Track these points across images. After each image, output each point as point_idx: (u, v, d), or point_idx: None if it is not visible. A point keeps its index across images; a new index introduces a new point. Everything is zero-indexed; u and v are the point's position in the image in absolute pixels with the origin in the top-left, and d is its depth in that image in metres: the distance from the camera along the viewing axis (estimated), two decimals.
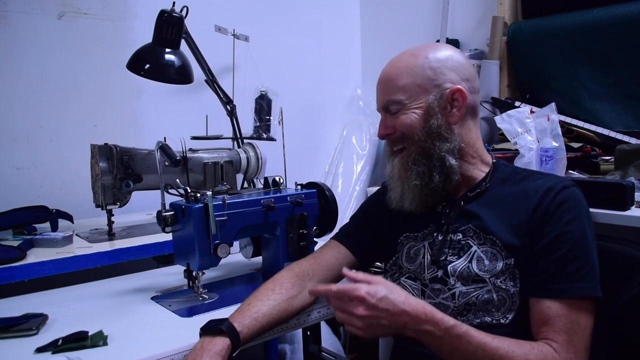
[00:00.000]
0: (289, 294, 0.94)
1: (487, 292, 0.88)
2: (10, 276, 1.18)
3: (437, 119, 0.93)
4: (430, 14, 2.30)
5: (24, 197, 1.68)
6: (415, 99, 0.94)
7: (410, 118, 0.95)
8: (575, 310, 0.82)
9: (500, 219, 0.92)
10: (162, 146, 1.20)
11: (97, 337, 0.88)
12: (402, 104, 0.95)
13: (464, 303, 0.90)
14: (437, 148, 0.94)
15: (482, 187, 0.97)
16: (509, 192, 0.94)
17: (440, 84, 0.94)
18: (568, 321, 0.82)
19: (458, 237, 0.95)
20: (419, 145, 0.95)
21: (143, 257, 1.38)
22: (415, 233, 1.01)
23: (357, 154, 2.46)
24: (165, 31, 1.51)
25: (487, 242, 0.91)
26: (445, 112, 0.94)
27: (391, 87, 0.96)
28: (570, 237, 0.85)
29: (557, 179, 0.93)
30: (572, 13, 1.69)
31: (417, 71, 0.94)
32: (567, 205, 0.87)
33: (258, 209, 1.09)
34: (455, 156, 0.95)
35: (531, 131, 1.37)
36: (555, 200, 0.88)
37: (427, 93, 0.94)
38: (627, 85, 1.61)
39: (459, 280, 0.91)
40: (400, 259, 1.02)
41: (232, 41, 1.99)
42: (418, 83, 0.94)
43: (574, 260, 0.84)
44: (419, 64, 0.95)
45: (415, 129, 0.94)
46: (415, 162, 0.95)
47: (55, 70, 1.77)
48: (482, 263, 0.90)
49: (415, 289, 0.97)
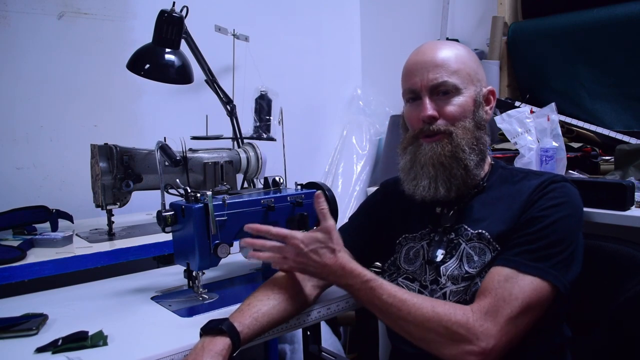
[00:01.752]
0: (288, 294, 0.94)
1: (475, 285, 0.88)
2: (10, 276, 1.18)
3: (480, 112, 0.96)
4: (430, 14, 2.30)
5: (24, 197, 1.68)
6: (467, 87, 0.95)
7: (463, 104, 0.94)
8: (515, 281, 0.80)
9: (493, 215, 0.93)
10: (162, 146, 1.20)
11: (97, 337, 0.88)
12: (456, 88, 0.94)
13: (455, 301, 0.90)
14: (483, 139, 0.96)
15: (479, 187, 0.98)
16: (506, 192, 0.95)
17: (481, 80, 0.97)
18: (500, 288, 0.80)
19: (451, 237, 0.96)
20: (472, 134, 0.95)
21: (143, 257, 1.38)
22: (413, 234, 1.02)
23: (357, 154, 2.46)
24: (165, 31, 1.51)
25: (474, 238, 0.92)
26: (483, 106, 0.97)
27: (445, 68, 0.94)
28: (544, 221, 0.85)
29: (551, 174, 0.94)
30: (572, 13, 1.69)
31: (467, 61, 0.96)
32: (553, 194, 0.88)
33: (258, 209, 1.09)
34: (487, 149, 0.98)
35: (531, 131, 1.37)
36: (543, 189, 0.89)
37: (474, 84, 0.96)
38: (627, 85, 1.61)
39: (450, 279, 0.92)
40: (399, 260, 1.02)
41: (232, 41, 1.99)
42: (468, 72, 0.95)
43: (538, 241, 0.83)
44: (467, 55, 0.97)
45: (467, 117, 0.95)
46: (471, 150, 0.94)
47: (55, 70, 1.77)
48: (472, 259, 0.91)
49: (413, 290, 0.97)
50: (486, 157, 0.99)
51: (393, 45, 2.53)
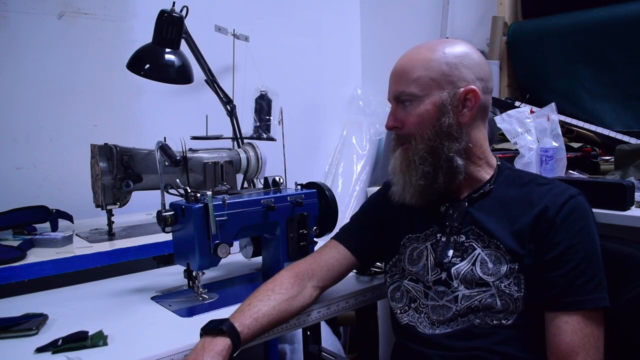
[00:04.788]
0: (288, 294, 0.94)
1: (491, 297, 0.87)
2: (10, 276, 1.18)
3: (448, 117, 0.91)
4: (430, 14, 2.30)
5: (24, 197, 1.68)
6: (429, 94, 0.91)
7: (421, 113, 0.92)
8: (589, 322, 0.82)
9: (502, 223, 0.91)
10: (162, 146, 1.20)
11: (97, 337, 0.88)
12: (414, 96, 0.92)
13: (466, 307, 0.89)
14: (446, 148, 0.92)
15: (486, 188, 0.95)
16: (513, 195, 0.93)
17: (455, 82, 0.91)
18: (584, 335, 0.82)
19: (461, 239, 0.93)
20: (427, 144, 0.92)
21: (143, 257, 1.38)
22: (417, 234, 1.00)
23: (357, 154, 2.46)
24: (165, 31, 1.51)
25: (491, 246, 0.90)
26: (456, 110, 0.91)
27: (405, 78, 0.93)
28: (580, 249, 0.84)
29: (563, 186, 0.90)
30: (572, 13, 1.69)
31: (433, 65, 0.91)
32: (575, 215, 0.86)
33: (258, 209, 1.09)
34: (462, 156, 0.93)
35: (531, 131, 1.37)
36: (562, 210, 0.86)
37: (441, 89, 0.91)
38: (627, 85, 1.61)
39: (463, 283, 0.90)
40: (403, 261, 1.00)
41: (232, 41, 1.99)
42: (433, 77, 0.91)
43: (584, 272, 0.83)
44: (435, 57, 0.92)
45: (426, 126, 0.92)
46: (422, 160, 0.93)
47: (55, 70, 1.77)
48: (486, 266, 0.89)
49: (418, 291, 0.96)
50: (455, 165, 0.93)
51: (393, 45, 2.53)
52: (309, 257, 1.07)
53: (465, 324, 0.89)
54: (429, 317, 0.93)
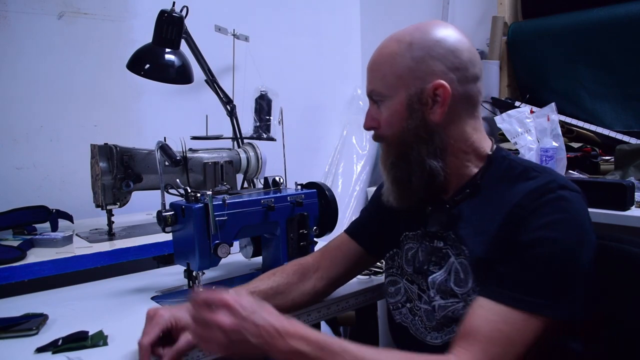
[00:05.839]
0: (289, 280, 0.96)
1: (463, 308, 0.80)
2: (10, 276, 1.18)
3: (415, 118, 0.82)
4: (430, 14, 2.30)
5: (24, 197, 1.68)
6: (395, 93, 0.83)
7: (391, 114, 0.85)
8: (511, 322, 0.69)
9: (479, 228, 0.81)
10: (162, 146, 1.20)
11: (97, 337, 0.88)
12: (383, 96, 0.85)
13: (442, 316, 0.84)
14: (416, 152, 0.84)
15: (471, 188, 0.85)
16: (500, 192, 0.82)
17: (422, 77, 0.81)
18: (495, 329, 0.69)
19: (440, 245, 0.87)
20: (397, 148, 0.86)
21: (143, 257, 1.38)
22: (412, 232, 0.96)
23: (357, 154, 2.46)
24: (165, 31, 1.51)
25: (462, 254, 0.82)
26: (426, 108, 0.82)
27: (374, 76, 0.87)
28: (539, 244, 0.72)
29: (550, 178, 0.78)
30: (572, 13, 1.69)
31: (398, 60, 0.83)
32: (550, 208, 0.74)
33: (258, 209, 1.09)
34: (437, 157, 0.84)
35: (531, 131, 1.37)
36: (536, 202, 0.75)
37: (407, 87, 0.82)
38: (627, 85, 1.61)
39: (438, 293, 0.85)
40: (402, 259, 0.98)
41: (232, 41, 1.99)
42: (398, 74, 0.83)
43: (533, 268, 0.71)
44: (400, 52, 0.83)
45: (396, 127, 0.85)
46: (393, 166, 0.87)
47: (55, 70, 1.77)
48: (459, 277, 0.82)
49: (413, 292, 0.93)
50: (428, 168, 0.84)
51: None
52: (317, 251, 1.08)
53: (451, 334, 0.84)
54: (422, 320, 0.90)
